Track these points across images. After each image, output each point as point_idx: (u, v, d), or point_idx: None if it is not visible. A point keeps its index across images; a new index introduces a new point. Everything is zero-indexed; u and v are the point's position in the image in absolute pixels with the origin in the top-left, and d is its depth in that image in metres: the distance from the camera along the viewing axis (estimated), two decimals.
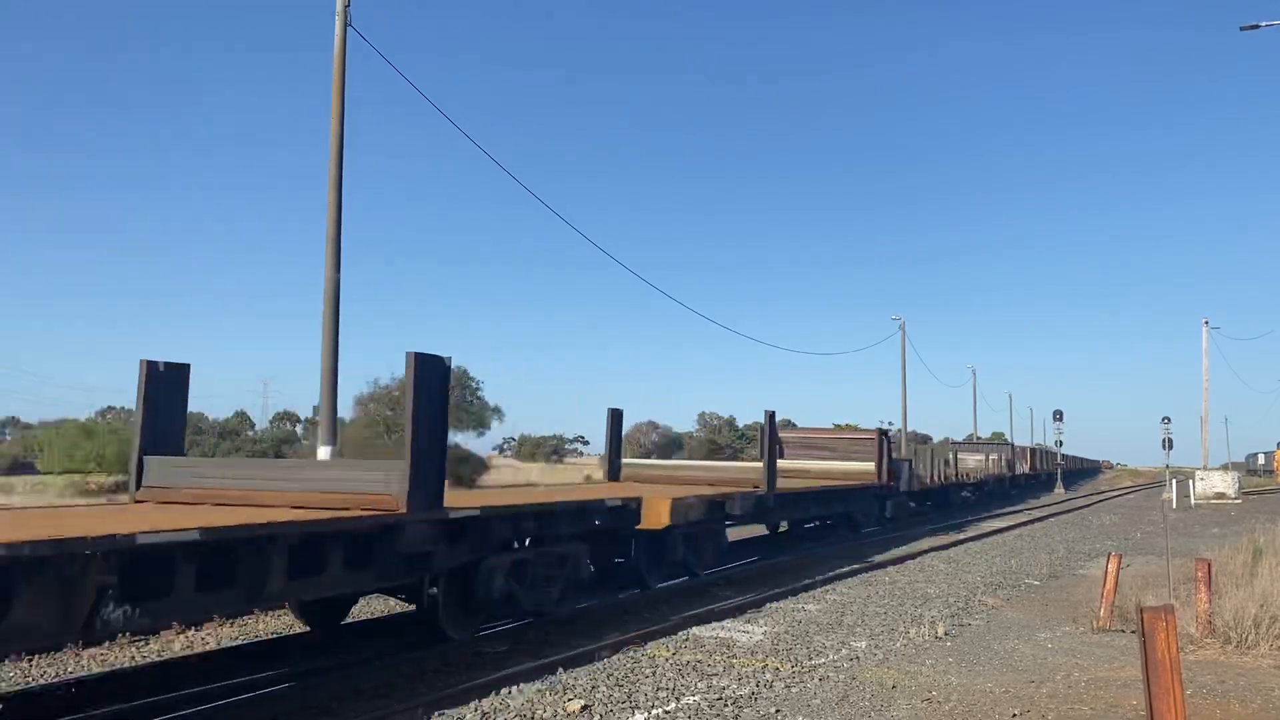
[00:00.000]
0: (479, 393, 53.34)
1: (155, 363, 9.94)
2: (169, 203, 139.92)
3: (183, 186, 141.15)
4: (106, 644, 9.89)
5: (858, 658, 9.57)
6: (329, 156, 17.03)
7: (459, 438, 53.52)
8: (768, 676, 8.64)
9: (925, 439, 57.57)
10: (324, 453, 16.40)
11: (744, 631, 10.90)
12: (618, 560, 13.36)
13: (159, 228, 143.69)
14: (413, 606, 10.09)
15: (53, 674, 8.63)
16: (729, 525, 15.81)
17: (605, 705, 7.59)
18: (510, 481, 40.43)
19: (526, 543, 10.32)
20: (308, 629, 10.50)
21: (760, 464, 17.06)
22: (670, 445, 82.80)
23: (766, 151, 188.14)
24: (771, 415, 17.32)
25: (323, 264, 16.84)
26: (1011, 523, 29.08)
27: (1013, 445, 56.57)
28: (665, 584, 14.33)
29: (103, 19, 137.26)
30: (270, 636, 10.41)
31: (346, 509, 8.08)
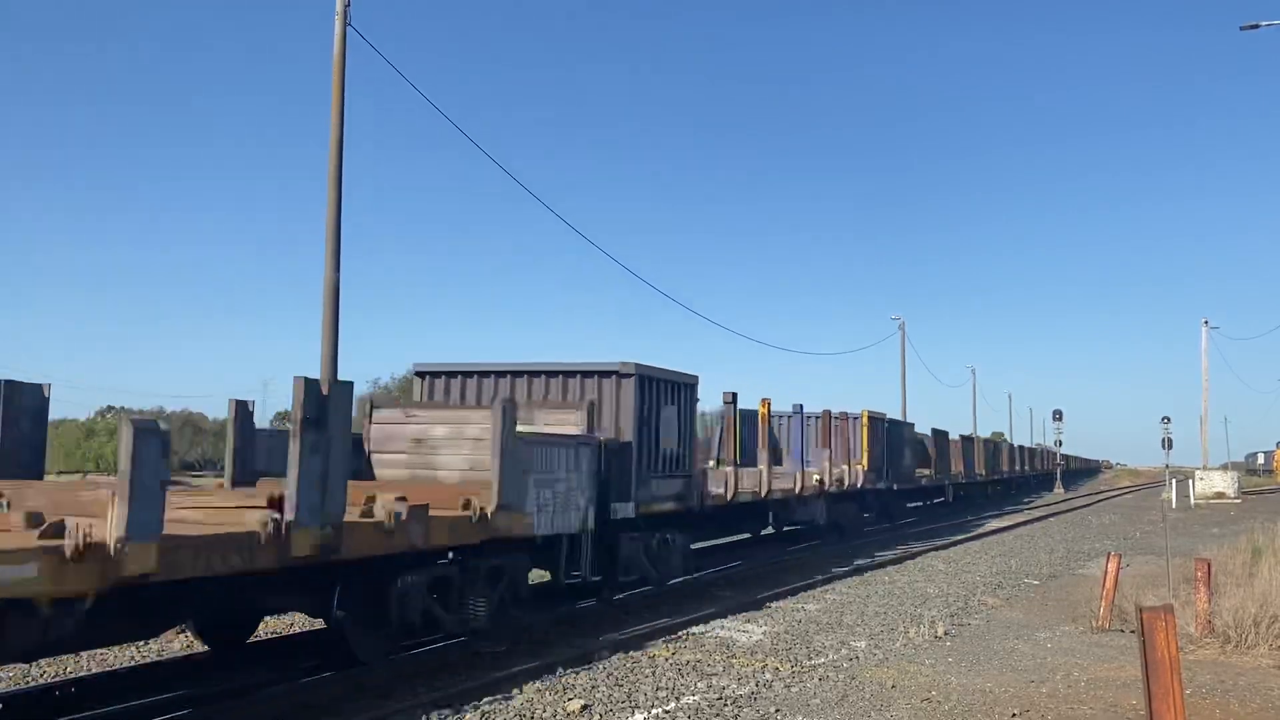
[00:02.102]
0: None
1: None
2: (169, 202, 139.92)
3: (183, 185, 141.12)
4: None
5: (857, 657, 9.57)
6: (328, 156, 17.03)
7: None
8: (767, 676, 8.64)
9: None
10: None
11: (743, 631, 10.90)
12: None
13: (160, 227, 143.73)
14: None
15: (52, 674, 8.63)
16: None
17: (605, 705, 7.59)
18: None
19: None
20: (307, 629, 10.51)
21: None
22: None
23: (766, 152, 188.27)
24: None
25: (323, 263, 16.85)
26: (1011, 522, 29.07)
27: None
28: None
29: (100, 15, 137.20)
30: (269, 637, 10.40)
31: None
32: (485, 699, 7.70)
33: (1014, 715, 7.48)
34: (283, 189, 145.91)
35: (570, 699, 7.67)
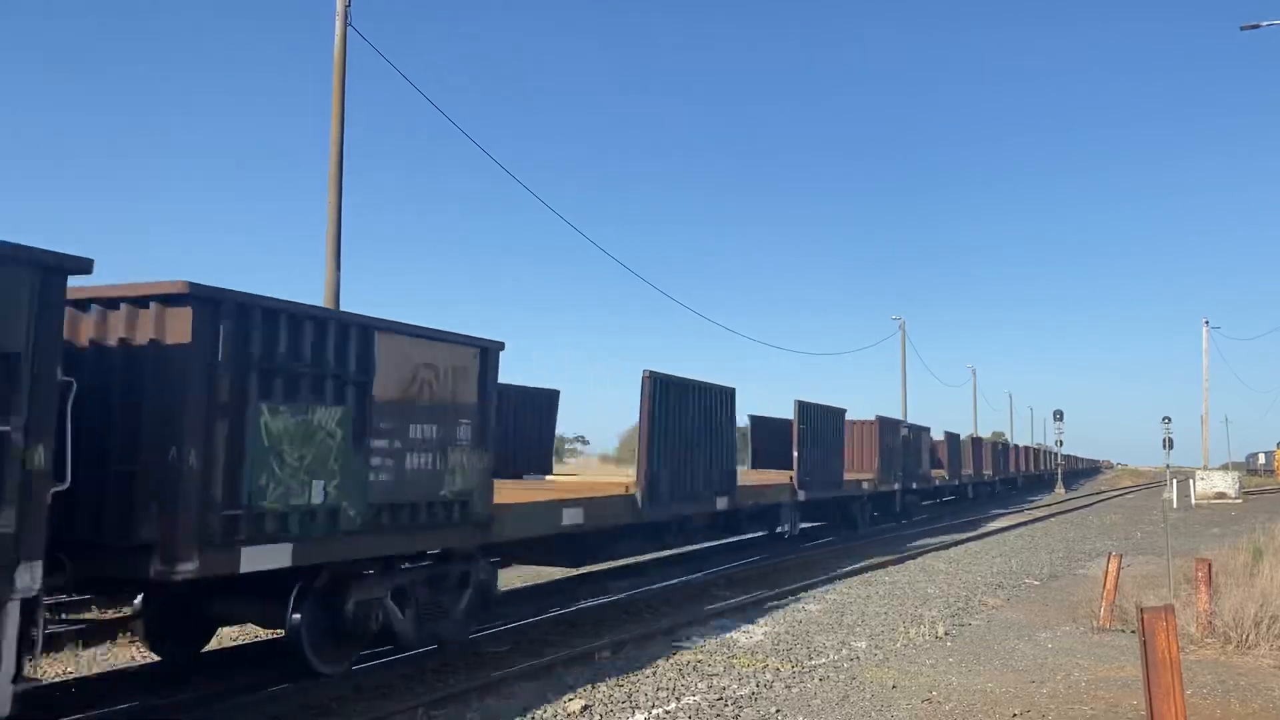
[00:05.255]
0: None
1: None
2: (171, 203, 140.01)
3: (184, 186, 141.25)
4: (108, 644, 9.83)
5: (858, 658, 9.57)
6: (329, 157, 17.04)
7: None
8: (768, 676, 8.64)
9: None
10: None
11: (744, 631, 10.89)
12: None
13: (161, 228, 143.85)
14: None
15: (53, 674, 8.63)
16: None
17: (605, 705, 7.59)
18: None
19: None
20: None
21: None
22: None
23: (766, 152, 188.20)
24: None
25: (324, 263, 16.85)
26: (1011, 523, 29.08)
27: None
28: (665, 583, 14.36)
29: (101, 16, 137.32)
30: (270, 637, 10.39)
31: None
32: (485, 699, 7.70)
33: (1015, 715, 7.48)
34: (282, 187, 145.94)
35: (570, 699, 7.67)
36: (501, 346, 9.41)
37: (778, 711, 7.49)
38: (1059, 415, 64.24)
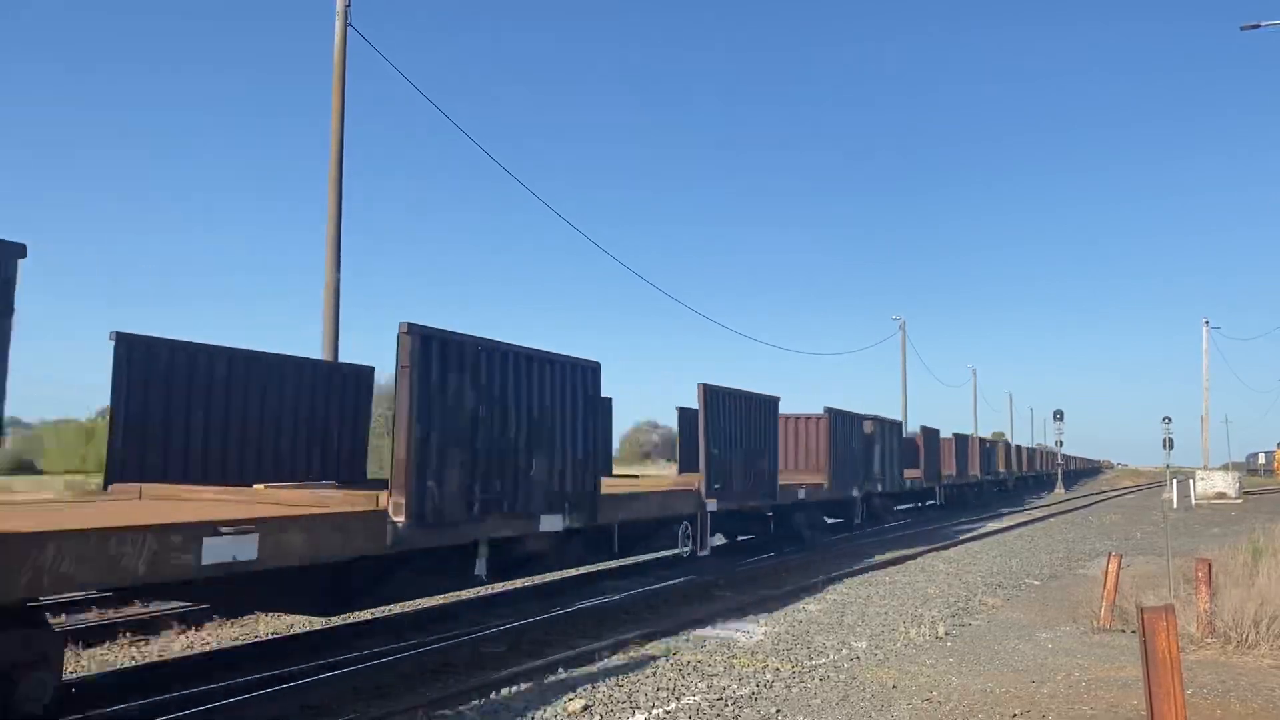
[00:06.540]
0: None
1: None
2: (171, 203, 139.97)
3: (184, 186, 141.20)
4: (107, 644, 9.87)
5: (858, 658, 9.56)
6: (329, 157, 17.04)
7: None
8: (768, 676, 8.63)
9: None
10: None
11: (744, 631, 10.89)
12: None
13: (161, 229, 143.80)
14: None
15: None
16: None
17: (605, 705, 7.58)
18: None
19: None
20: (308, 629, 10.52)
21: None
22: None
23: (767, 151, 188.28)
24: None
25: (323, 263, 16.85)
26: (1012, 523, 29.09)
27: None
28: (665, 583, 14.35)
29: (93, 16, 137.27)
30: (269, 637, 10.41)
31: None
32: (485, 699, 7.69)
33: (1015, 715, 7.47)
34: (284, 189, 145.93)
35: (570, 699, 7.66)
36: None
37: (778, 712, 7.49)
38: (1059, 415, 64.35)
